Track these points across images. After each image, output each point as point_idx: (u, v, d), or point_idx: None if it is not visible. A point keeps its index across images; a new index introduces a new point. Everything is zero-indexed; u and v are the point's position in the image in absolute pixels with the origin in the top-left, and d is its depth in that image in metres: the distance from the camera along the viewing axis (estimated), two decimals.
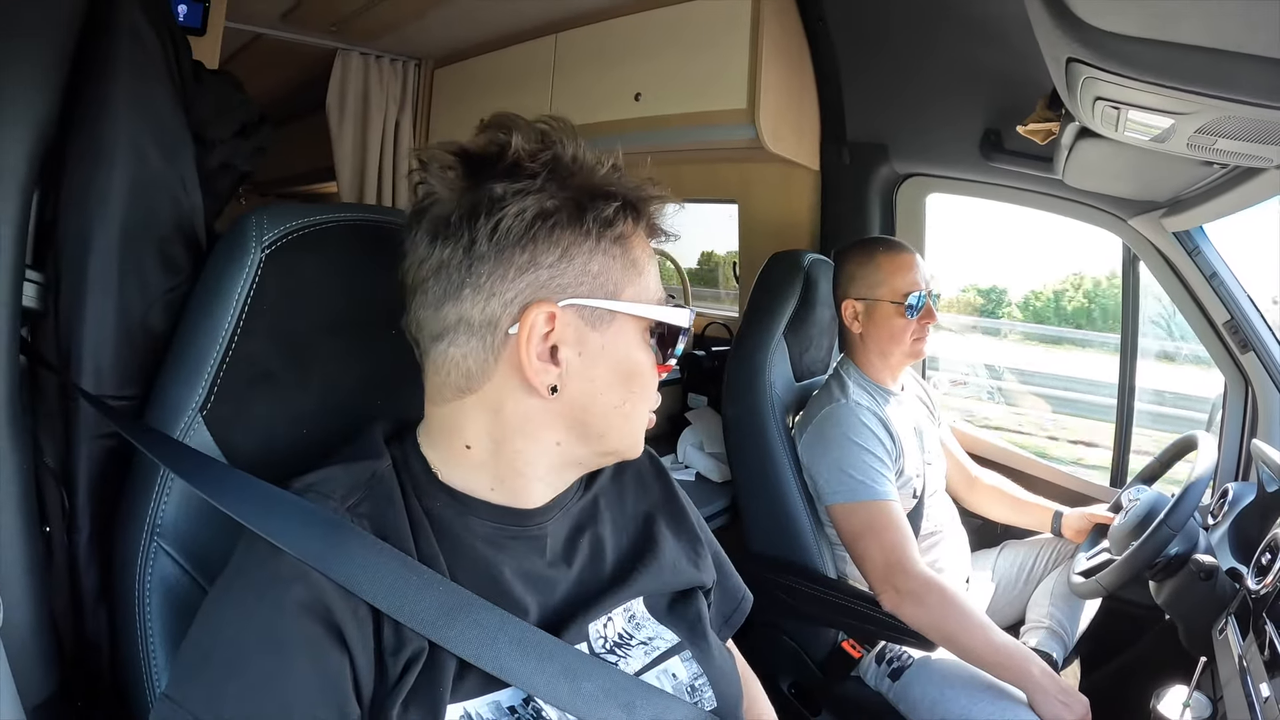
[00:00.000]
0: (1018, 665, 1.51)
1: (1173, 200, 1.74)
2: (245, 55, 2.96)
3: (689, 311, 0.84)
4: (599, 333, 0.78)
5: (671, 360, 0.85)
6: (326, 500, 0.74)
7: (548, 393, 0.77)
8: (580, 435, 0.81)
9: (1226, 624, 1.34)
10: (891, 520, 1.66)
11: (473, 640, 0.72)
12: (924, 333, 1.85)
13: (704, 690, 0.87)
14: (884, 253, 1.89)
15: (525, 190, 0.74)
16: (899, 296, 1.83)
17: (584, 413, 0.79)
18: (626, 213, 0.79)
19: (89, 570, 0.92)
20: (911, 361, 1.91)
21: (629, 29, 2.29)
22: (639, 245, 0.81)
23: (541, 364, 0.76)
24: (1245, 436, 1.93)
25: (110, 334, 0.90)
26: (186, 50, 1.02)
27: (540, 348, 0.76)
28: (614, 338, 0.79)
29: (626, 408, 0.82)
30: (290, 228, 0.87)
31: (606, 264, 0.78)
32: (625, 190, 0.79)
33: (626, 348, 0.80)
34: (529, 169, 0.75)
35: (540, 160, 0.76)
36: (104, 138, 0.88)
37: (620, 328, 0.79)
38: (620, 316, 0.79)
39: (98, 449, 0.92)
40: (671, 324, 0.82)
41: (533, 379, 0.76)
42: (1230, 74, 0.92)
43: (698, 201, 2.89)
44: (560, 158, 0.77)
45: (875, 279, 1.87)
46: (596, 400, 0.79)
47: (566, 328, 0.77)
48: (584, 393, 0.79)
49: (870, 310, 1.88)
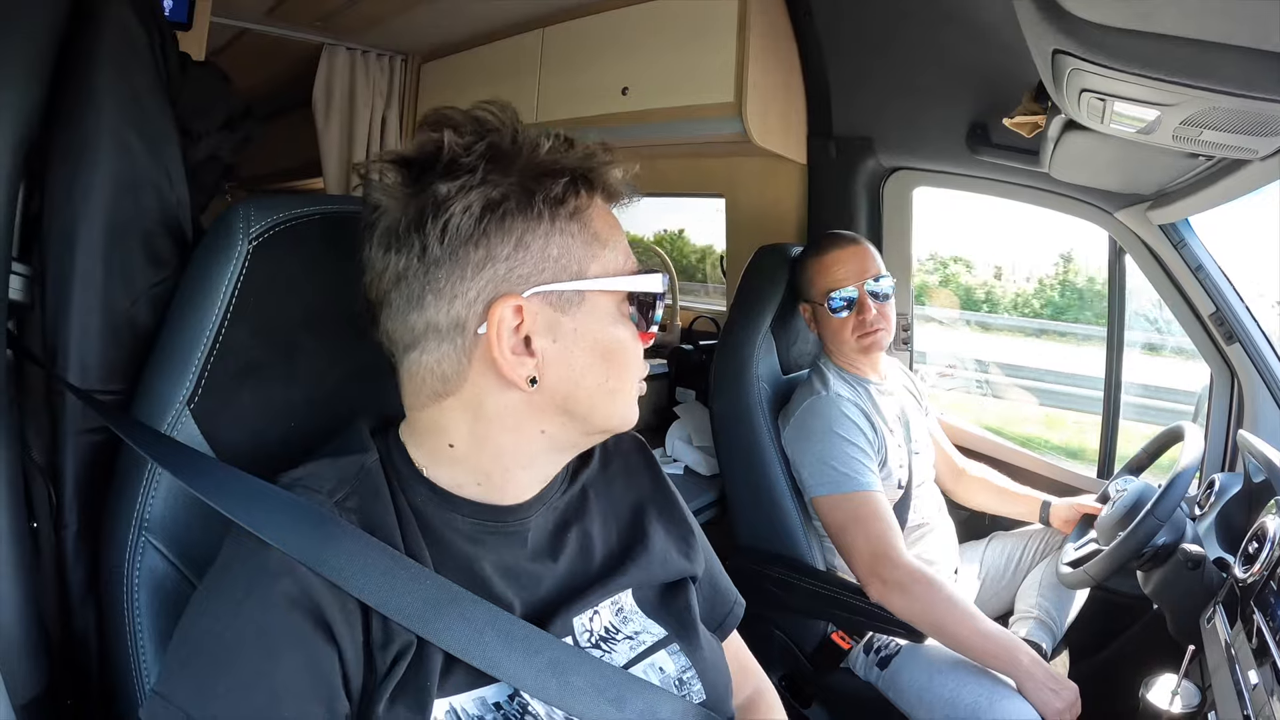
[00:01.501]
0: (1006, 653, 1.51)
1: (1158, 193, 1.76)
2: (231, 50, 2.95)
3: (661, 276, 0.83)
4: (569, 316, 0.77)
5: (653, 328, 0.84)
6: (314, 494, 0.74)
7: (527, 385, 0.76)
8: (566, 420, 0.80)
9: (1214, 613, 1.35)
10: (876, 511, 1.67)
11: (460, 634, 0.71)
12: (869, 328, 1.83)
13: (692, 683, 0.87)
14: (812, 255, 1.91)
15: (467, 185, 0.73)
16: (823, 297, 1.85)
17: (567, 398, 0.78)
18: (578, 186, 0.77)
19: (77, 566, 0.91)
20: (868, 356, 1.89)
21: (616, 23, 2.29)
22: (599, 216, 0.79)
23: (516, 358, 0.75)
24: (1231, 427, 1.95)
25: (96, 328, 0.89)
26: (173, 42, 1.01)
27: (513, 341, 0.75)
28: (586, 318, 0.77)
29: (611, 384, 0.80)
30: (277, 220, 0.87)
31: (566, 244, 0.76)
32: (572, 163, 0.77)
33: (601, 325, 0.79)
34: (467, 163, 0.73)
35: (476, 151, 0.74)
36: (89, 130, 0.88)
37: (591, 306, 0.78)
38: (590, 295, 0.77)
39: (84, 444, 0.91)
40: (644, 291, 0.81)
41: (509, 374, 0.75)
42: (1215, 65, 0.92)
43: (684, 196, 2.88)
44: (497, 144, 0.75)
45: (806, 281, 1.91)
46: (579, 384, 0.78)
47: (536, 317, 0.75)
48: (564, 379, 0.77)
49: (814, 312, 1.91)
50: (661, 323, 2.19)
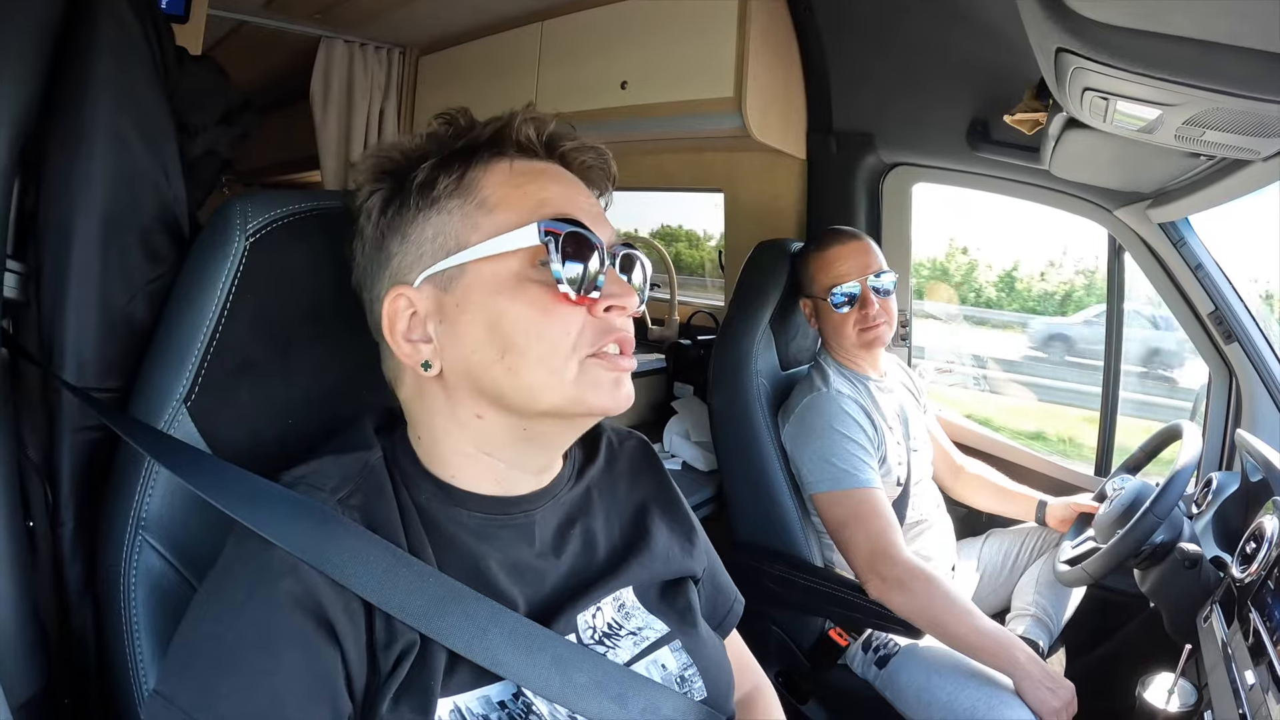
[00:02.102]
0: (1004, 651, 1.52)
1: (1159, 191, 1.75)
2: (229, 43, 2.94)
3: (538, 224, 0.74)
4: (451, 294, 0.76)
5: (563, 287, 0.74)
6: (317, 492, 0.74)
7: (421, 370, 0.78)
8: (488, 403, 0.78)
9: (1211, 612, 1.35)
10: (876, 508, 1.68)
11: (464, 632, 0.71)
12: (871, 323, 1.84)
13: (694, 680, 0.87)
14: (814, 250, 1.92)
15: (368, 194, 0.80)
16: (825, 292, 1.85)
17: (468, 379, 0.77)
18: (447, 164, 0.78)
19: (74, 564, 0.91)
20: (869, 352, 1.90)
21: (615, 17, 2.28)
22: (492, 181, 0.78)
23: (411, 345, 0.77)
24: (1229, 426, 1.95)
25: (93, 324, 0.89)
26: (169, 36, 1.00)
27: (411, 329, 0.78)
28: (466, 292, 0.76)
29: (508, 361, 0.74)
30: (275, 215, 0.86)
31: (442, 223, 0.77)
32: (436, 146, 0.80)
33: (486, 296, 0.75)
34: (363, 175, 0.81)
35: (367, 168, 0.81)
36: (85, 125, 0.87)
37: (472, 279, 0.76)
38: (470, 267, 0.76)
39: (81, 441, 0.91)
40: (527, 247, 0.75)
41: (406, 362, 0.78)
42: (1219, 66, 0.92)
43: (684, 190, 2.88)
44: (380, 154, 0.81)
45: (808, 276, 1.92)
46: (470, 362, 0.76)
47: (424, 301, 0.77)
48: (457, 359, 0.77)
49: (815, 307, 1.92)
50: (659, 318, 2.17)
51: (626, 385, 0.79)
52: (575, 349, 0.75)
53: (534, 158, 0.81)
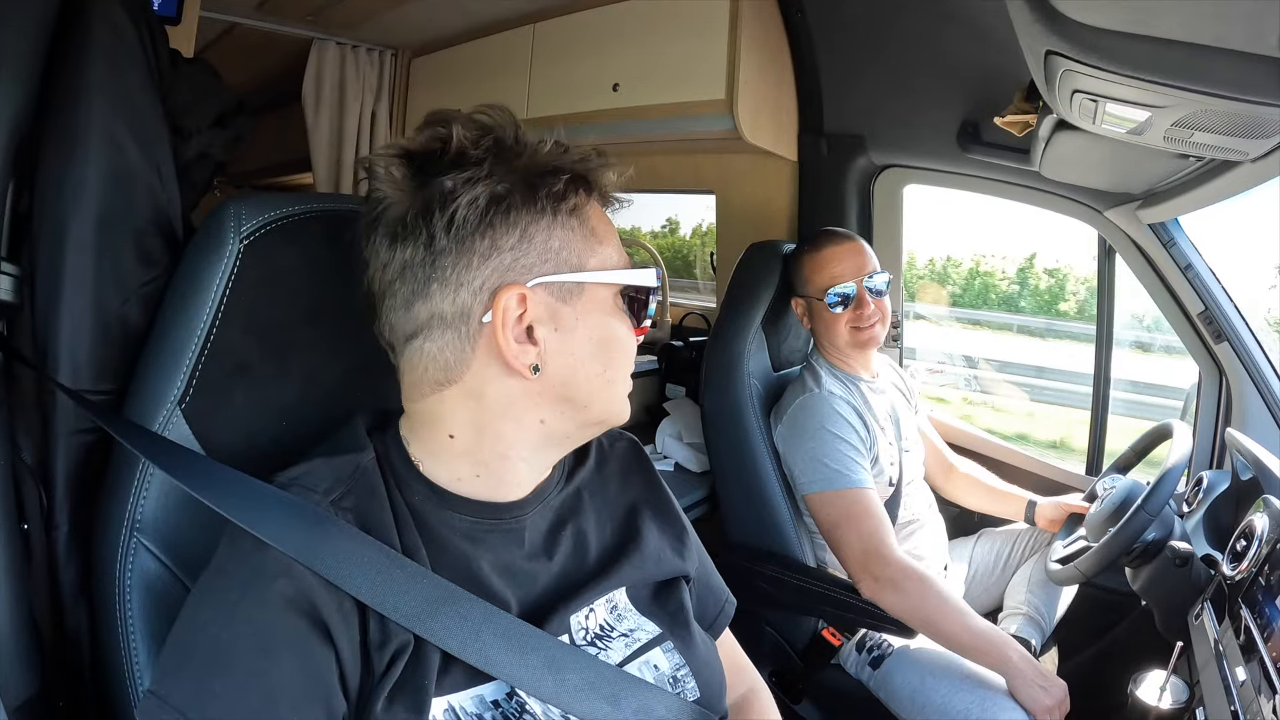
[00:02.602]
0: (996, 650, 1.52)
1: (1148, 192, 1.77)
2: (221, 45, 2.93)
3: (654, 270, 0.86)
4: (571, 306, 0.79)
5: (646, 322, 0.86)
6: (310, 494, 0.74)
7: (530, 373, 0.77)
8: (565, 409, 0.81)
9: (1202, 610, 1.36)
10: (868, 508, 1.68)
11: (457, 633, 0.71)
12: (866, 323, 1.85)
13: (686, 680, 0.88)
14: (809, 250, 1.93)
15: (474, 178, 0.75)
16: (820, 292, 1.86)
17: (567, 387, 0.80)
18: (577, 185, 0.80)
19: (69, 567, 0.91)
20: (862, 352, 1.91)
21: (607, 19, 2.29)
22: (595, 215, 0.82)
23: (520, 346, 0.76)
24: (1219, 425, 1.96)
25: (87, 327, 0.88)
26: (163, 39, 1.00)
27: (516, 330, 0.76)
28: (586, 309, 0.80)
29: (609, 374, 0.82)
30: (269, 218, 0.86)
31: (566, 238, 0.78)
32: (571, 164, 0.80)
33: (599, 316, 0.81)
34: (474, 156, 0.76)
35: (483, 147, 0.76)
36: (79, 128, 0.87)
37: (590, 298, 0.80)
38: (589, 287, 0.80)
39: (75, 444, 0.91)
40: (639, 285, 0.84)
41: (513, 362, 0.76)
42: (1208, 68, 0.93)
43: (675, 192, 2.88)
44: (503, 140, 0.78)
45: (803, 276, 1.92)
46: (578, 372, 0.80)
47: (539, 306, 0.77)
48: (565, 366, 0.79)
49: (809, 307, 1.92)
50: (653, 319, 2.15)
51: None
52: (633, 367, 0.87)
53: (599, 201, 0.85)
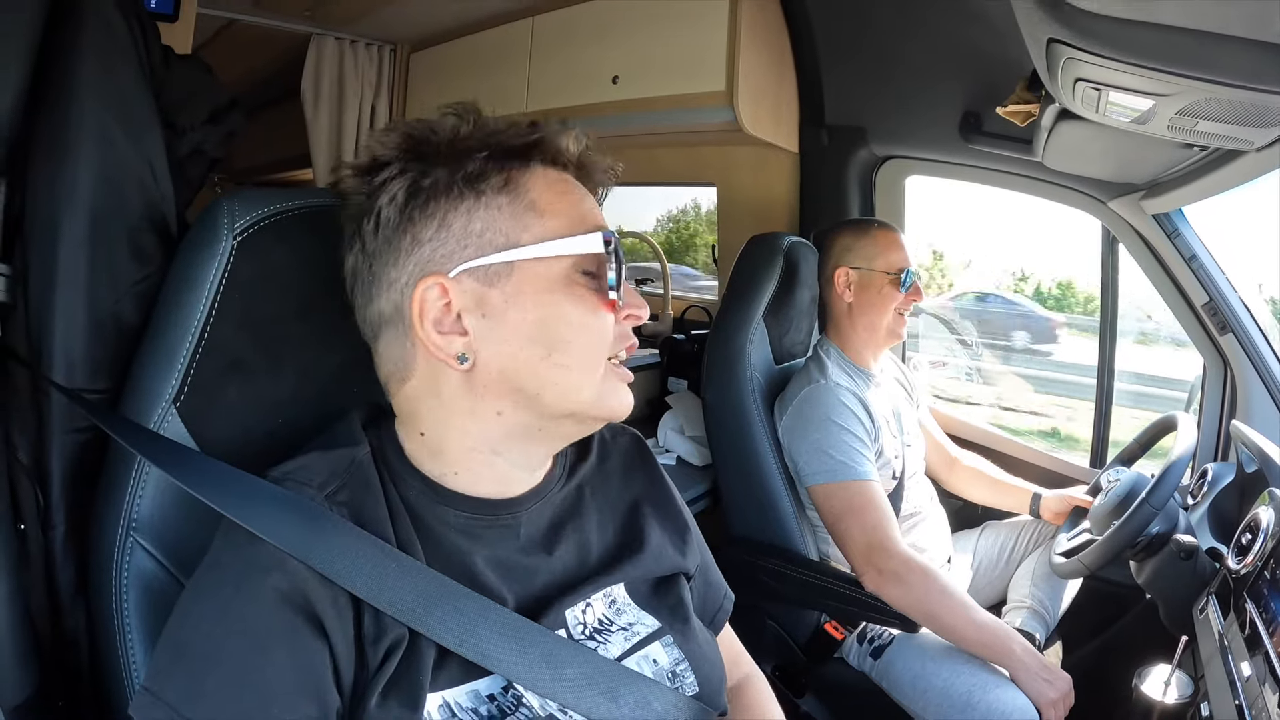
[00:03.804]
0: (1000, 644, 1.52)
1: (1152, 183, 1.75)
2: (219, 42, 2.92)
3: (601, 234, 0.79)
4: (498, 289, 0.76)
5: (614, 295, 0.79)
6: (305, 488, 0.73)
7: (456, 363, 0.76)
8: (517, 400, 0.78)
9: (1207, 603, 1.35)
10: (872, 500, 1.67)
11: (453, 627, 0.71)
12: (908, 309, 1.89)
13: (685, 675, 0.87)
14: (880, 229, 1.93)
15: (388, 178, 0.77)
16: (894, 269, 1.87)
17: (506, 375, 0.77)
18: (500, 161, 0.78)
19: (66, 567, 0.90)
20: (892, 342, 1.93)
21: (606, 11, 2.28)
22: (538, 185, 0.79)
23: (443, 336, 0.76)
24: (1224, 417, 1.95)
25: (81, 326, 0.88)
26: (155, 36, 1.00)
27: (442, 320, 0.76)
28: (517, 290, 0.76)
29: (557, 359, 0.77)
30: (262, 214, 0.86)
31: (491, 218, 0.76)
32: (490, 140, 0.78)
33: (537, 295, 0.77)
34: (385, 156, 0.78)
35: (390, 145, 0.78)
36: (71, 126, 0.87)
37: (523, 277, 0.76)
38: (520, 265, 0.76)
39: (71, 443, 0.90)
40: (582, 253, 0.78)
41: (436, 353, 0.76)
42: (1212, 56, 0.92)
43: (677, 185, 2.87)
44: (411, 134, 0.78)
45: (871, 251, 1.91)
46: (515, 359, 0.76)
47: (464, 294, 0.76)
48: (499, 354, 0.76)
49: (864, 280, 1.90)
50: (653, 313, 2.13)
51: (630, 393, 0.84)
52: (605, 350, 0.80)
53: (566, 168, 0.83)
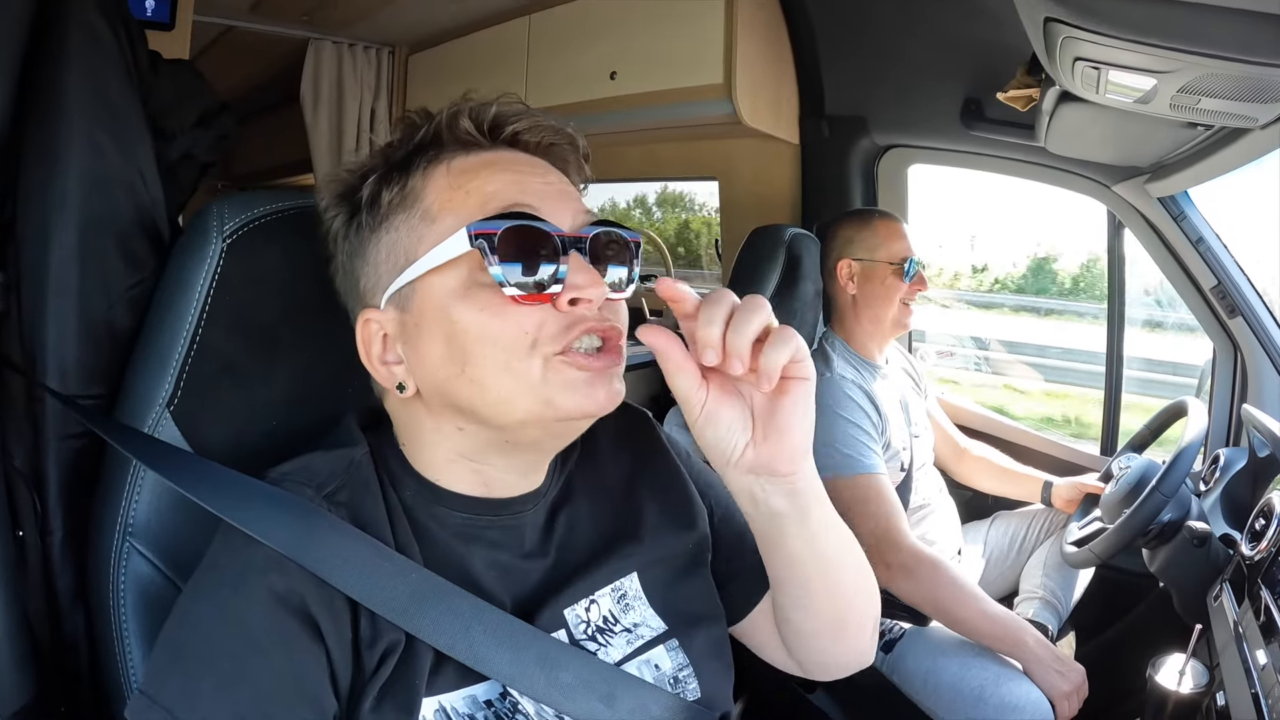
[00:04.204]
0: (1012, 636, 1.51)
1: (1157, 165, 1.74)
2: (217, 48, 2.94)
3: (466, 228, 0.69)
4: (409, 312, 0.73)
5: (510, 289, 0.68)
6: (303, 489, 0.73)
7: (397, 392, 0.75)
8: (468, 418, 0.75)
9: (1221, 590, 1.33)
10: (880, 493, 1.66)
11: (446, 629, 0.70)
12: (913, 298, 1.88)
13: (688, 681, 0.84)
14: (881, 219, 1.93)
15: (328, 221, 0.79)
16: (897, 259, 1.86)
17: (440, 395, 0.74)
18: (390, 177, 0.75)
19: (64, 572, 0.91)
20: (898, 333, 1.92)
21: (602, 7, 2.28)
22: (433, 188, 0.73)
23: (386, 367, 0.75)
24: (1235, 402, 1.94)
25: (73, 332, 0.88)
26: (142, 41, 0.99)
27: (385, 352, 0.76)
28: (420, 308, 0.72)
29: (471, 373, 0.70)
30: (252, 216, 0.85)
31: (392, 240, 0.73)
32: (379, 161, 0.77)
33: (438, 309, 0.71)
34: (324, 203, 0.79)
35: (329, 192, 0.79)
36: (58, 133, 0.87)
37: (423, 294, 0.72)
38: (418, 283, 0.72)
39: (67, 449, 0.90)
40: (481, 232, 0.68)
41: (386, 384, 0.76)
42: (1211, 29, 0.90)
43: (678, 180, 2.86)
44: (337, 176, 0.79)
45: (874, 242, 1.90)
46: (437, 378, 0.73)
47: (391, 323, 0.75)
48: (424, 377, 0.74)
49: (867, 272, 1.89)
50: (657, 309, 2.12)
51: (607, 384, 0.72)
52: (536, 346, 0.69)
53: (478, 150, 0.76)
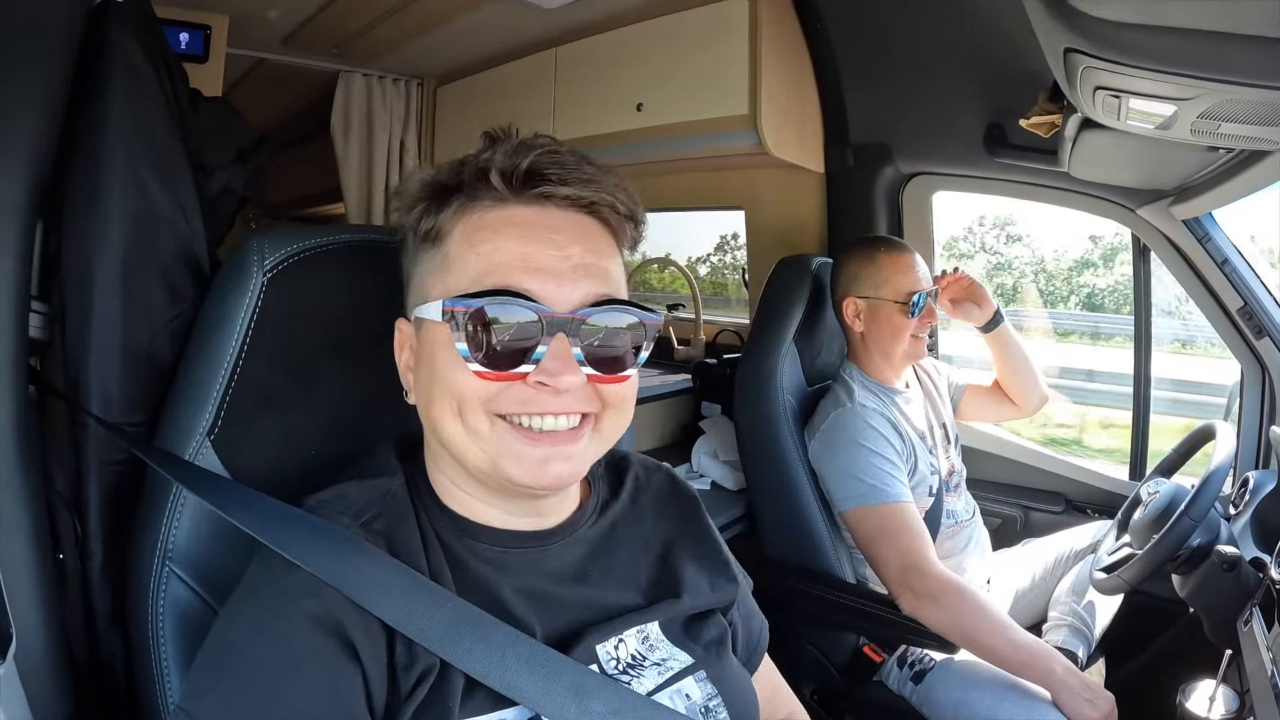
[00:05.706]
0: (1040, 664, 1.49)
1: (1180, 188, 1.73)
2: (249, 81, 3.00)
3: (441, 303, 0.72)
4: (419, 336, 0.79)
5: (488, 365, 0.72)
6: (340, 517, 0.74)
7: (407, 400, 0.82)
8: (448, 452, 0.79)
9: (1251, 615, 1.31)
10: (905, 522, 1.65)
11: (480, 657, 0.71)
12: (924, 331, 1.86)
13: (719, 711, 0.85)
14: (886, 252, 1.89)
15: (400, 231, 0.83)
16: (902, 296, 1.83)
17: (427, 421, 0.79)
18: (430, 210, 0.77)
19: (102, 594, 0.93)
20: (912, 362, 1.92)
21: (628, 40, 2.30)
22: (456, 235, 0.76)
23: (407, 373, 0.82)
24: (1264, 423, 1.91)
25: (116, 362, 0.91)
26: (183, 78, 1.03)
27: (409, 358, 0.82)
28: (423, 336, 0.77)
29: (433, 410, 0.76)
30: (291, 250, 0.88)
31: (423, 269, 0.79)
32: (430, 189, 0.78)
33: (428, 346, 0.76)
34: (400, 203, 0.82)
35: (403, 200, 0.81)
36: (102, 169, 0.90)
37: (428, 331, 0.76)
38: (425, 320, 0.76)
39: (108, 475, 0.93)
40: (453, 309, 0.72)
41: (405, 388, 0.83)
42: (1229, 56, 0.91)
43: (704, 210, 2.88)
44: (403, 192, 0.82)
45: (879, 278, 1.87)
46: (421, 403, 0.79)
47: (410, 337, 0.81)
48: (418, 398, 0.80)
49: (873, 309, 1.87)
50: (685, 338, 2.14)
51: (557, 465, 0.75)
52: (487, 403, 0.73)
53: (506, 204, 0.75)
